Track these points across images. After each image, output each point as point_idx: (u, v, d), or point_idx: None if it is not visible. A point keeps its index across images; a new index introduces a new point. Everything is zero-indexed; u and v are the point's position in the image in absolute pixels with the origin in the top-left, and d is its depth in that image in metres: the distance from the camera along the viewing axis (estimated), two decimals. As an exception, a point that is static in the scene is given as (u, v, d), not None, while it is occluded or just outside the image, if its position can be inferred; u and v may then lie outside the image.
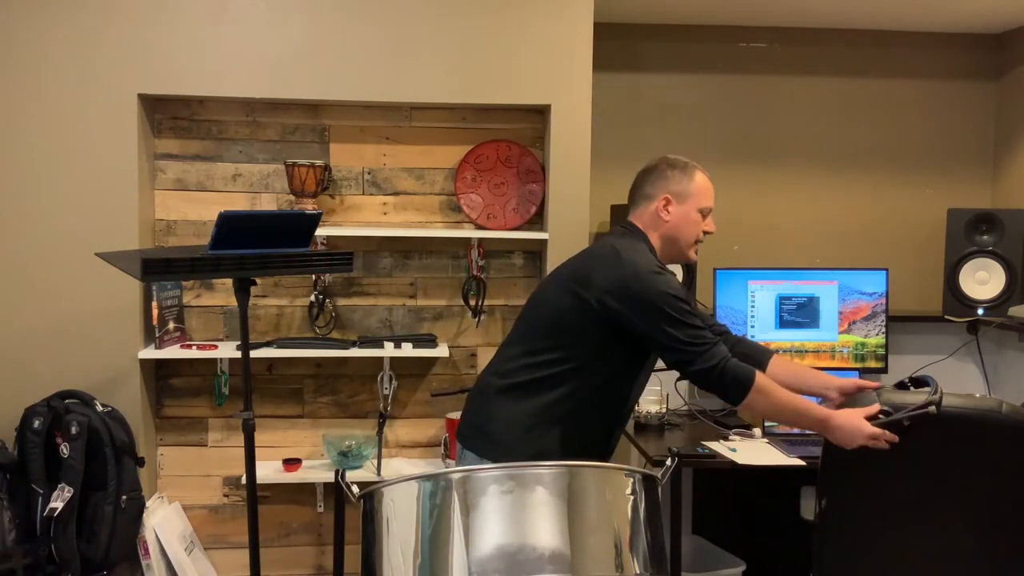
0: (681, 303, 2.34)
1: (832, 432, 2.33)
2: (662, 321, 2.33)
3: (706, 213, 2.55)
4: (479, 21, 3.35)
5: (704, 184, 2.56)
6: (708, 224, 2.56)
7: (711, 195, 2.57)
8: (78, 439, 3.02)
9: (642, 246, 2.49)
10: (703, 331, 2.36)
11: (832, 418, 2.33)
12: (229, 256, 2.57)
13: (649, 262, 2.42)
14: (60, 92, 3.22)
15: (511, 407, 2.42)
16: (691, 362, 2.33)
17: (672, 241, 2.53)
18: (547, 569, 1.69)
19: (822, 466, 2.42)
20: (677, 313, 2.33)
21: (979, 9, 3.60)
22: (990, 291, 3.64)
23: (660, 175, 2.55)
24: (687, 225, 2.53)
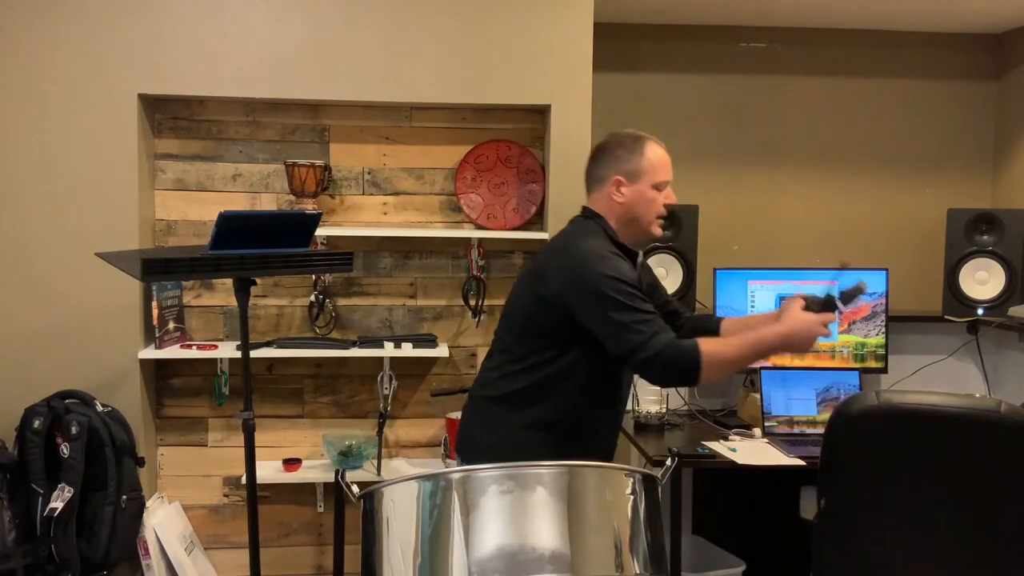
0: (627, 287, 2.27)
1: (792, 339, 2.28)
2: (606, 305, 2.25)
3: (662, 187, 2.44)
4: (479, 21, 3.35)
5: (656, 157, 2.44)
6: (668, 196, 2.46)
7: (666, 167, 2.45)
8: (78, 439, 3.02)
9: (595, 231, 2.42)
10: (647, 318, 2.26)
11: (785, 333, 2.28)
12: (229, 256, 2.57)
13: (597, 247, 2.35)
14: (60, 92, 3.22)
15: (501, 421, 2.41)
16: (634, 352, 2.24)
17: (631, 222, 2.45)
18: (547, 569, 1.69)
19: (822, 466, 2.42)
20: (621, 296, 2.25)
21: (979, 9, 3.60)
22: (990, 291, 3.64)
23: (609, 155, 2.46)
24: (643, 204, 2.43)
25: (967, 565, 2.32)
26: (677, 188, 3.72)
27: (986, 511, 2.29)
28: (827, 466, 2.41)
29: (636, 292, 2.29)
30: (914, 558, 2.35)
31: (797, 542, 2.96)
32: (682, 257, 3.55)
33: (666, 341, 2.24)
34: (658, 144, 2.45)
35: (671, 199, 2.47)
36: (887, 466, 2.32)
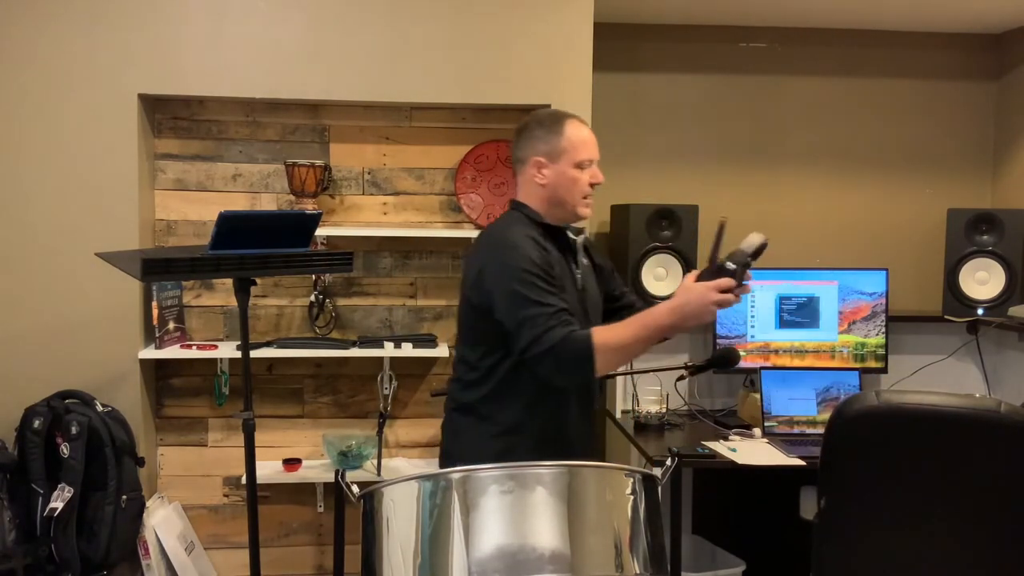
0: (531, 276, 2.19)
1: (684, 309, 2.16)
2: (508, 302, 2.19)
3: (585, 166, 2.34)
4: (479, 21, 3.35)
5: (576, 136, 2.34)
6: (593, 175, 2.36)
7: (588, 146, 2.35)
8: (78, 439, 3.02)
9: (513, 220, 2.36)
10: (544, 311, 2.17)
11: (675, 305, 2.18)
12: (229, 256, 2.57)
13: (509, 237, 2.28)
14: (60, 92, 3.22)
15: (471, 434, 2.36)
16: (527, 348, 2.17)
17: (558, 203, 2.36)
18: (547, 569, 1.69)
19: (822, 466, 2.42)
20: (524, 288, 2.18)
21: (979, 9, 3.60)
22: (990, 291, 3.64)
23: (528, 136, 2.37)
24: (566, 184, 2.34)
25: (967, 565, 2.32)
26: (677, 188, 3.79)
27: (986, 511, 2.29)
28: (827, 466, 2.41)
29: (541, 282, 2.20)
30: (914, 558, 2.35)
31: (797, 542, 2.96)
32: (682, 257, 3.55)
33: (560, 336, 2.15)
34: (580, 122, 2.37)
35: (597, 178, 2.37)
36: (887, 466, 2.32)
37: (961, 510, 2.30)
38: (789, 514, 3.35)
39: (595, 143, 2.38)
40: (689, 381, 3.65)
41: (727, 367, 3.06)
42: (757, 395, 3.38)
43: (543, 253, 2.28)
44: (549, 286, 2.22)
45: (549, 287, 2.22)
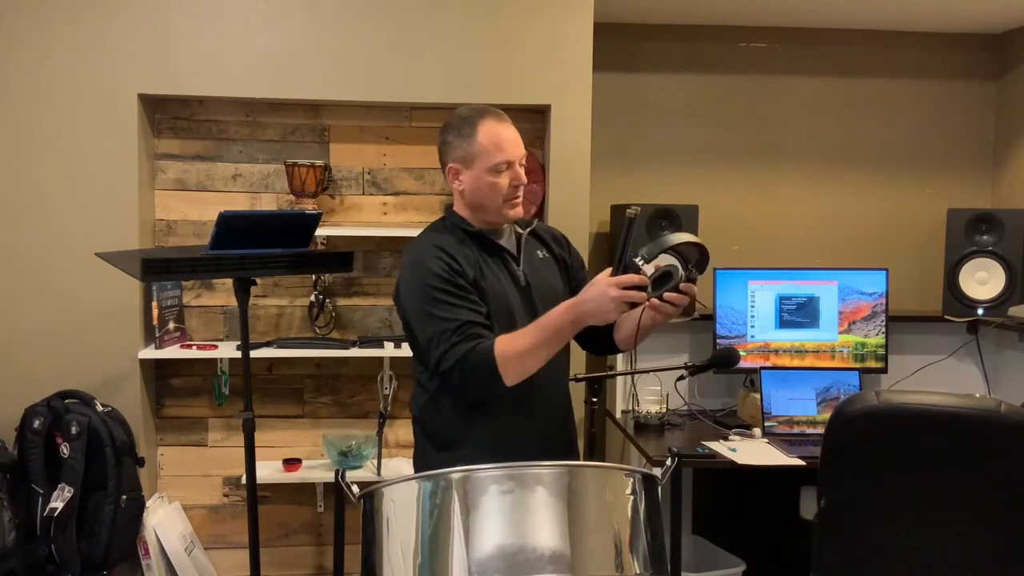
0: (435, 291, 2.12)
1: (582, 306, 2.04)
2: (417, 317, 2.15)
3: (502, 169, 2.20)
4: (479, 21, 3.35)
5: (489, 138, 2.20)
6: (515, 176, 2.22)
7: (504, 146, 2.21)
8: (78, 439, 3.02)
9: (432, 229, 2.30)
10: (448, 327, 2.10)
11: (573, 301, 2.07)
12: (229, 256, 2.57)
13: (418, 252, 2.20)
14: (60, 92, 3.22)
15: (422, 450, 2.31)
16: (437, 366, 2.12)
17: (479, 208, 2.25)
18: (547, 569, 1.69)
19: (822, 466, 2.42)
20: (428, 305, 2.12)
21: (979, 9, 3.60)
22: (990, 291, 3.63)
23: (442, 142, 2.27)
24: (482, 190, 2.21)
25: (967, 564, 2.32)
26: (677, 188, 3.79)
27: (986, 511, 2.29)
28: (827, 466, 2.41)
29: (447, 295, 2.12)
30: (914, 558, 2.35)
31: (797, 542, 2.96)
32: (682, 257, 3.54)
33: (463, 351, 2.08)
34: (495, 120, 2.24)
35: (519, 179, 2.23)
36: (887, 466, 2.32)
37: (961, 510, 2.30)
38: (789, 514, 3.35)
39: (514, 140, 2.23)
40: (689, 381, 3.66)
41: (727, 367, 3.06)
42: (757, 395, 3.38)
43: (450, 263, 2.18)
44: (457, 298, 2.13)
45: (457, 300, 2.13)
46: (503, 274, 2.27)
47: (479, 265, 2.23)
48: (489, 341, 2.10)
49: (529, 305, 2.28)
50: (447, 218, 2.33)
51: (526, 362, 2.10)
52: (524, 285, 2.29)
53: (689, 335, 3.79)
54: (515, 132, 2.26)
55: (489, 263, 2.26)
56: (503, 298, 2.23)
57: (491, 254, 2.28)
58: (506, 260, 2.29)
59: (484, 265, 2.24)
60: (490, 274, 2.24)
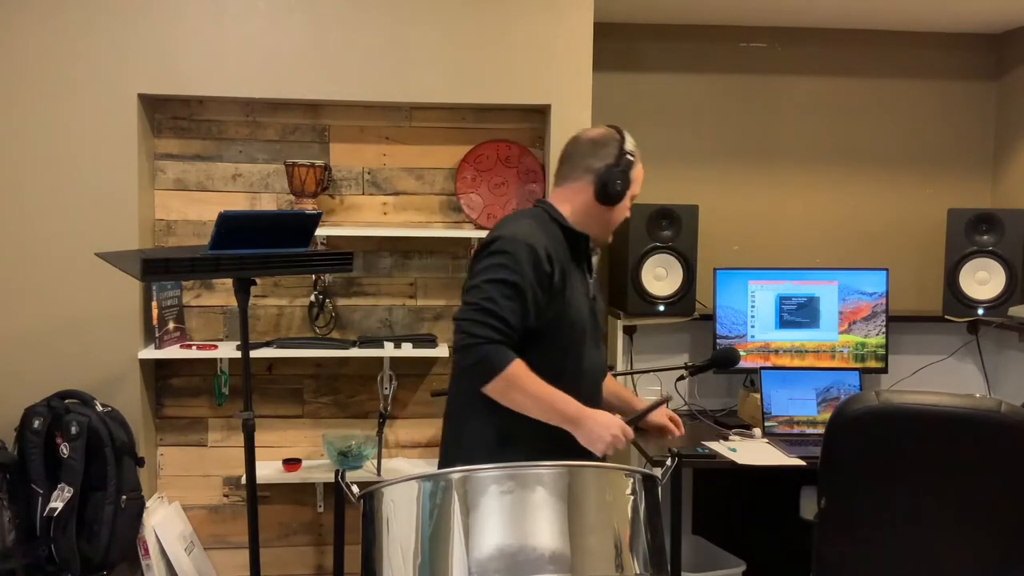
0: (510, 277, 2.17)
1: (586, 420, 2.18)
2: (479, 284, 2.19)
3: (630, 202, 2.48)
4: (479, 21, 3.35)
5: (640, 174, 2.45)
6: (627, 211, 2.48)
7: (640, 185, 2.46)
8: (78, 439, 3.02)
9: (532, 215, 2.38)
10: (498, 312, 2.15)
11: (584, 412, 2.19)
12: (229, 256, 2.57)
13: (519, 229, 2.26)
14: (60, 92, 3.22)
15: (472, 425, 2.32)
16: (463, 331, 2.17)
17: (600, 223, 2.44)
18: (547, 569, 1.69)
19: (822, 466, 2.42)
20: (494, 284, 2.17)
21: (979, 9, 3.60)
22: (990, 291, 3.63)
23: (599, 151, 2.43)
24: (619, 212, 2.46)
25: (967, 564, 2.32)
26: (677, 188, 3.79)
27: (986, 510, 2.29)
28: (827, 466, 2.41)
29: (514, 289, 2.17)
30: (914, 558, 2.35)
31: (797, 542, 2.96)
32: (682, 257, 3.55)
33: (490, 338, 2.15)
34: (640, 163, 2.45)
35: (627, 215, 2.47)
36: (887, 466, 2.32)
37: (961, 510, 2.30)
38: (789, 514, 3.35)
39: None
40: (689, 381, 3.66)
41: (727, 367, 3.08)
42: (757, 395, 3.38)
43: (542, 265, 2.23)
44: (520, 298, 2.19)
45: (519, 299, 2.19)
46: (580, 284, 2.36)
47: (565, 270, 2.30)
48: (511, 352, 2.16)
49: (593, 318, 2.40)
50: (549, 212, 2.38)
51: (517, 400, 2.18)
52: (591, 298, 2.41)
53: (689, 335, 3.79)
54: None
55: (573, 271, 2.35)
56: (579, 306, 2.34)
57: (578, 262, 2.38)
58: (584, 272, 2.40)
59: (568, 271, 2.32)
60: (571, 281, 2.32)
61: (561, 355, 2.30)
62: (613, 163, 2.36)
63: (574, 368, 2.32)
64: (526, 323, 2.21)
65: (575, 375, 2.32)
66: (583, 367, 2.34)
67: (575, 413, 2.19)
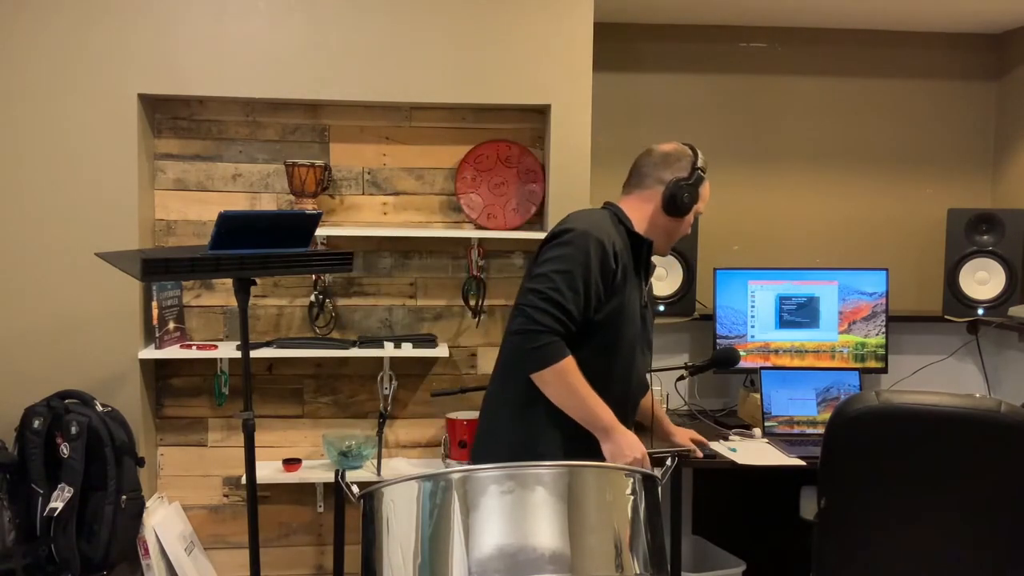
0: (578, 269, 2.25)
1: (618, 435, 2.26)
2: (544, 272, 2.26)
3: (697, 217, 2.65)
4: (479, 21, 3.35)
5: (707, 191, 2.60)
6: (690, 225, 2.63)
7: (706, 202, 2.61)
8: (78, 439, 3.02)
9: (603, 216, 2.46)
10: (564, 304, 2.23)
11: (618, 427, 2.28)
12: (229, 256, 2.57)
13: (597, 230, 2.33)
14: (60, 92, 3.22)
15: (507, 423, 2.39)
16: (524, 315, 2.23)
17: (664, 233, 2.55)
18: (547, 569, 1.69)
19: (822, 466, 2.42)
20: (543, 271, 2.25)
21: (979, 9, 3.60)
22: (990, 291, 3.64)
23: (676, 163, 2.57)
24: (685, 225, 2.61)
25: (967, 565, 2.32)
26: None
27: (986, 511, 2.29)
28: (827, 466, 2.41)
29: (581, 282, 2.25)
30: (914, 558, 2.35)
31: (797, 542, 2.96)
32: (682, 257, 3.55)
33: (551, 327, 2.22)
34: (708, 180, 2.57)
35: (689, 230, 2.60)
36: (887, 466, 2.32)
37: (961, 510, 2.30)
38: (789, 514, 3.35)
39: None
40: (689, 381, 3.66)
41: (727, 367, 3.08)
42: (757, 395, 3.38)
43: (609, 261, 2.31)
44: (585, 292, 2.26)
45: (583, 292, 2.26)
46: (636, 290, 2.42)
47: (627, 271, 2.37)
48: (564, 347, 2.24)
49: (644, 324, 2.46)
50: (617, 215, 2.47)
51: (561, 394, 2.26)
52: (643, 305, 2.46)
53: (689, 335, 3.79)
54: None
55: (632, 275, 2.40)
56: (635, 308, 2.40)
57: (638, 267, 2.44)
58: (642, 278, 2.46)
59: (629, 273, 2.38)
60: (630, 284, 2.38)
61: (611, 356, 2.37)
62: (685, 176, 2.47)
63: (623, 373, 2.41)
64: (586, 316, 2.29)
65: (622, 381, 2.41)
66: (631, 374, 2.43)
67: (609, 423, 2.27)
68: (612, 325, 2.34)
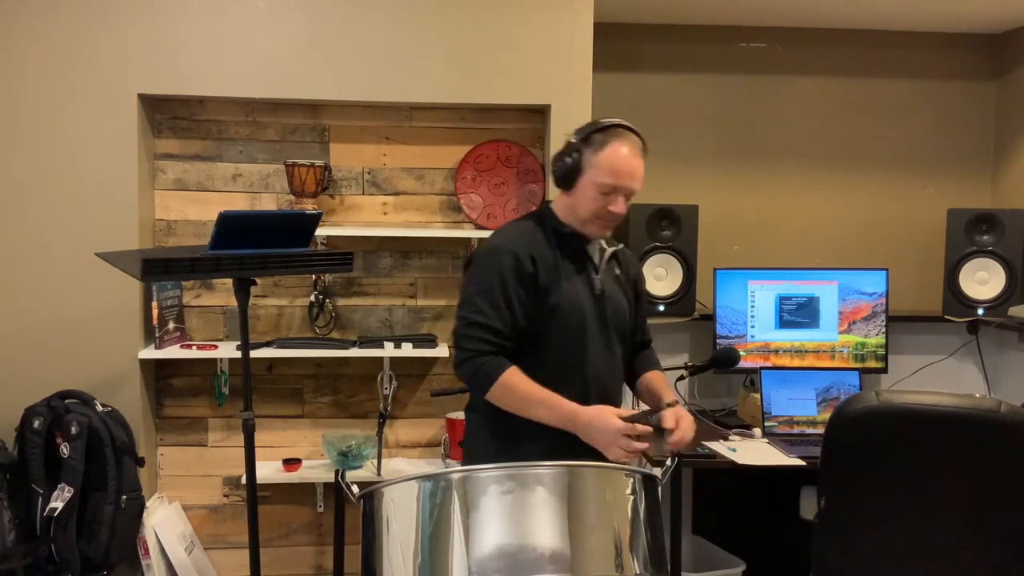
0: (491, 286, 2.26)
1: (582, 429, 2.19)
2: (467, 297, 2.31)
3: (606, 191, 2.29)
4: (479, 21, 3.35)
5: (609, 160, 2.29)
6: (615, 204, 2.30)
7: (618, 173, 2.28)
8: (78, 439, 3.02)
9: (523, 218, 2.44)
10: (476, 326, 2.25)
11: (581, 414, 2.20)
12: (229, 256, 2.57)
13: (499, 239, 2.35)
14: (60, 92, 3.22)
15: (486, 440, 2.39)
16: (458, 349, 2.29)
17: (572, 212, 2.36)
18: (547, 569, 1.69)
19: (822, 466, 2.42)
20: (478, 295, 2.28)
21: (979, 9, 3.60)
22: (990, 291, 3.64)
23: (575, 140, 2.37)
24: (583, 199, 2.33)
25: (967, 565, 2.32)
26: (677, 188, 3.79)
27: (986, 511, 2.29)
28: (827, 466, 2.41)
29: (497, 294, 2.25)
30: (914, 558, 2.35)
31: (797, 542, 2.96)
32: (682, 257, 3.55)
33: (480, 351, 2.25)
34: (627, 147, 2.30)
35: (617, 208, 2.30)
36: (887, 466, 2.32)
37: (961, 510, 2.30)
38: (789, 514, 3.35)
39: (630, 174, 2.30)
40: (689, 381, 3.66)
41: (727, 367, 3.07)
42: (757, 395, 3.38)
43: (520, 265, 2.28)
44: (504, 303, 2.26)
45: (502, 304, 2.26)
46: (581, 280, 2.37)
47: (557, 267, 2.34)
48: (502, 362, 2.24)
49: (601, 314, 2.39)
50: (543, 212, 2.44)
51: (516, 406, 2.26)
52: (599, 294, 2.40)
53: (689, 335, 3.79)
54: (638, 166, 2.33)
55: (569, 267, 2.36)
56: (576, 301, 2.34)
57: (574, 259, 2.38)
58: (587, 268, 2.40)
59: (563, 268, 2.35)
60: (566, 277, 2.34)
61: (560, 353, 2.33)
62: (562, 148, 2.37)
63: (576, 366, 2.34)
64: (518, 326, 2.29)
65: (579, 374, 2.34)
66: (587, 366, 2.35)
67: (571, 412, 2.22)
68: (550, 324, 2.31)
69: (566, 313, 2.32)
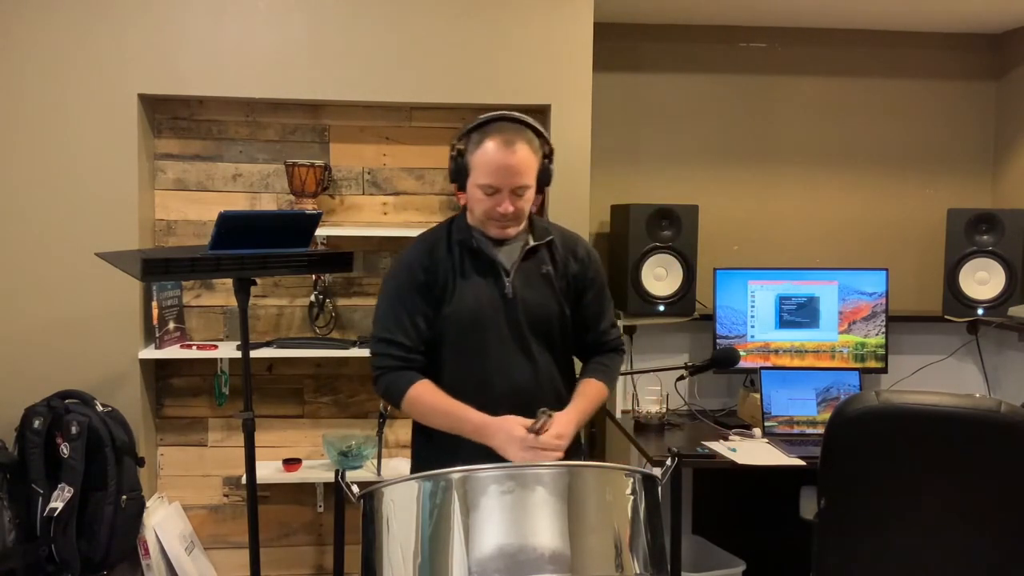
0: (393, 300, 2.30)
1: (490, 440, 2.15)
2: (377, 314, 2.35)
3: (486, 191, 2.24)
4: (479, 21, 3.35)
5: (484, 158, 2.23)
6: (497, 203, 2.24)
7: (492, 171, 2.22)
8: (78, 439, 3.02)
9: (431, 231, 2.42)
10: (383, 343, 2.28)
11: (488, 425, 2.16)
12: (229, 256, 2.58)
13: (405, 254, 2.36)
14: (60, 92, 3.22)
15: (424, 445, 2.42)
16: (372, 362, 2.33)
17: (472, 214, 2.33)
18: (547, 569, 1.69)
19: (822, 466, 2.42)
20: (383, 308, 2.32)
21: (979, 9, 3.60)
22: (990, 291, 3.63)
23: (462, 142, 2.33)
24: (472, 199, 2.30)
25: (967, 564, 2.32)
26: (677, 188, 3.79)
27: (986, 511, 2.29)
28: (827, 466, 2.41)
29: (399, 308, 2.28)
30: (914, 558, 2.35)
31: (797, 542, 2.96)
32: (682, 257, 3.55)
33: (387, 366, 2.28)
34: (500, 143, 2.22)
35: (503, 207, 2.23)
36: (887, 466, 2.32)
37: (961, 510, 2.30)
38: (789, 514, 3.35)
39: (507, 169, 2.21)
40: (689, 381, 3.65)
41: (727, 367, 3.07)
42: (757, 395, 3.38)
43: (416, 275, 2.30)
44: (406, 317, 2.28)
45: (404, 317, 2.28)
46: (486, 284, 2.31)
47: (454, 275, 2.31)
48: (410, 376, 2.27)
49: (513, 318, 2.31)
50: (453, 219, 2.42)
51: (426, 418, 2.30)
52: (511, 298, 2.31)
53: (689, 335, 3.79)
54: (516, 161, 2.24)
55: (472, 273, 2.31)
56: (474, 307, 2.29)
57: (478, 264, 2.33)
58: (495, 271, 2.32)
59: (463, 274, 2.31)
60: (467, 283, 2.30)
61: (459, 362, 2.31)
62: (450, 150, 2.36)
63: (479, 374, 2.29)
64: (425, 338, 2.30)
65: (482, 382, 2.29)
66: (492, 374, 2.29)
67: (479, 423, 2.19)
68: (447, 333, 2.29)
69: (461, 320, 2.28)
